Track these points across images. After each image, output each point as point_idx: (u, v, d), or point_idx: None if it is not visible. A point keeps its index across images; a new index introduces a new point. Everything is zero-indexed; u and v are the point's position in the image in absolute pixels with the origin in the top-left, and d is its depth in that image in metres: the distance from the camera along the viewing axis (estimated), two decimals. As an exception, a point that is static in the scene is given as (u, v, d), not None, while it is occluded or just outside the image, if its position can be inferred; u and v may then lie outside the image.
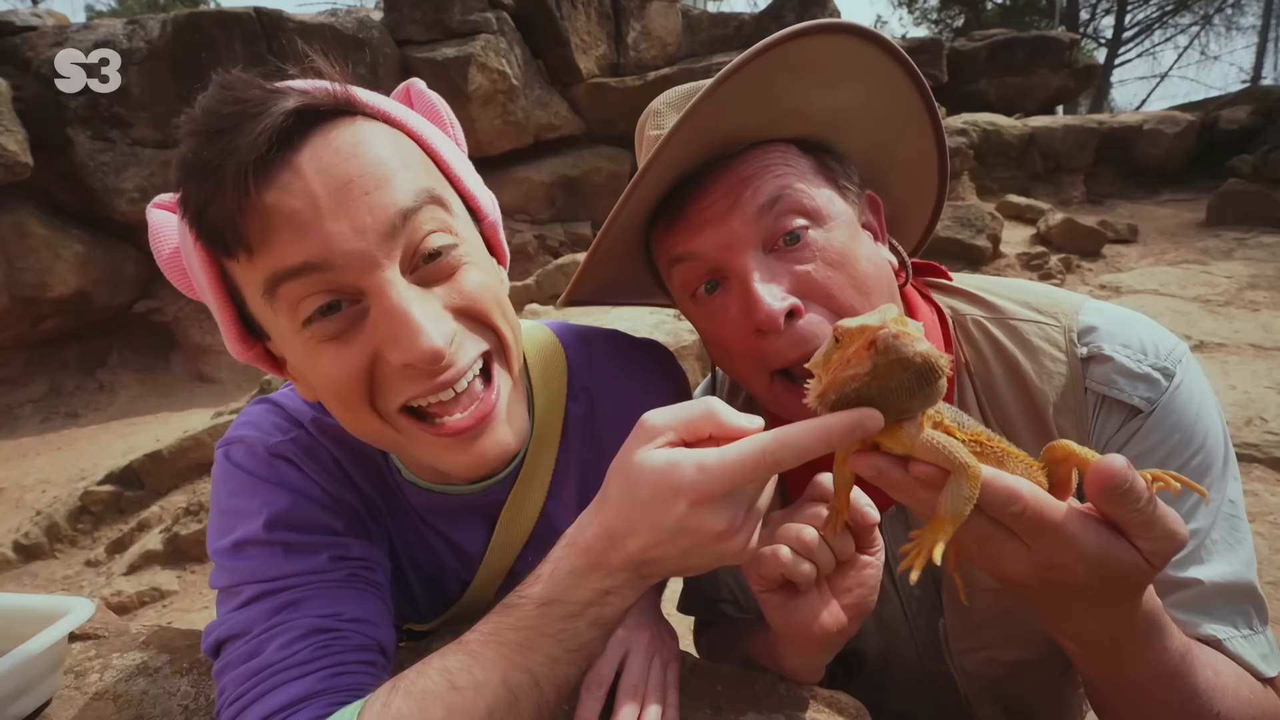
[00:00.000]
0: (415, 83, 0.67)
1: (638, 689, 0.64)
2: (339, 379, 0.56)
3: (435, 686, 0.51)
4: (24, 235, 4.93)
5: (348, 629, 0.60)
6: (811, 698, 0.69)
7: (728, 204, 0.68)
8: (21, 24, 5.07)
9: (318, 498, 0.66)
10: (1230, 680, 0.60)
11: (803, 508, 0.60)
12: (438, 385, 0.57)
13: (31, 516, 3.39)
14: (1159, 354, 0.69)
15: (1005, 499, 0.45)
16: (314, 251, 0.52)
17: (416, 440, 0.60)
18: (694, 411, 0.49)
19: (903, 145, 0.78)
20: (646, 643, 0.68)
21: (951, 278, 0.84)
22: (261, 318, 0.58)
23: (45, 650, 0.75)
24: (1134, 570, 0.48)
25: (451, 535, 0.77)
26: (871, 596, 0.61)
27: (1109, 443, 0.70)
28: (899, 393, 0.42)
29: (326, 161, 0.53)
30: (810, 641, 0.61)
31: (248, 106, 0.50)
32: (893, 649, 0.87)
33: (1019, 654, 0.78)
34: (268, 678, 0.56)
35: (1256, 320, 4.35)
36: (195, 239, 0.55)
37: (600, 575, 0.51)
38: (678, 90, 0.77)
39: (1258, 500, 2.67)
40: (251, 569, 0.62)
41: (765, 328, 0.65)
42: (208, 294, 0.59)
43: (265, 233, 0.52)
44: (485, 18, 5.97)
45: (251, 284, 0.55)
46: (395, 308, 0.53)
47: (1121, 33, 21.08)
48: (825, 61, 0.67)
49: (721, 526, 0.47)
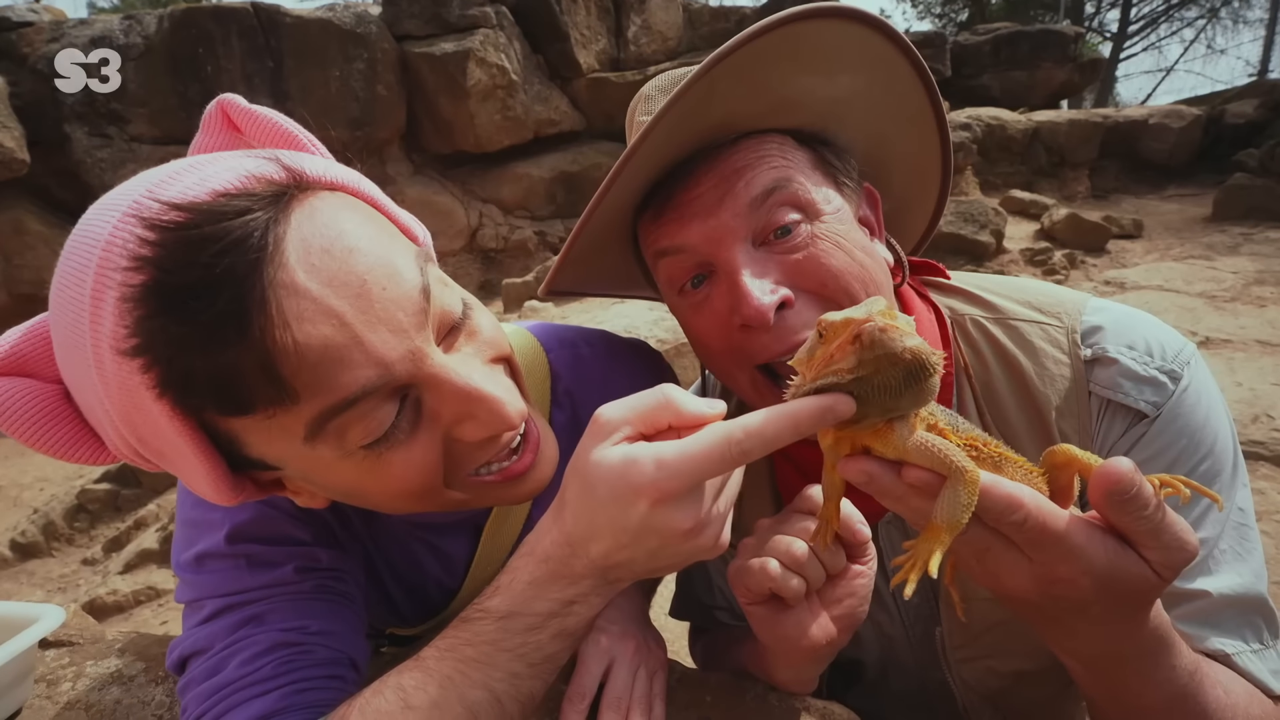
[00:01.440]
0: (228, 100, 0.55)
1: (622, 701, 0.62)
2: (418, 476, 0.51)
3: (390, 706, 0.49)
4: (21, 232, 4.94)
5: (313, 642, 0.58)
6: (804, 709, 0.67)
7: (718, 195, 0.65)
8: (18, 19, 5.06)
9: (283, 507, 0.63)
10: (1241, 699, 0.57)
11: (791, 518, 0.58)
12: (507, 444, 0.56)
13: (29, 515, 3.39)
14: (1166, 356, 0.66)
15: (1005, 507, 0.42)
16: (368, 376, 0.46)
17: (484, 492, 0.57)
18: (649, 401, 0.45)
19: (904, 139, 0.76)
20: (632, 652, 0.66)
21: (950, 276, 0.81)
22: (277, 457, 0.50)
23: (12, 659, 0.73)
24: (1142, 583, 0.45)
25: (437, 544, 0.75)
26: (862, 608, 0.59)
27: (1113, 448, 0.67)
28: (887, 391, 0.39)
29: (325, 269, 0.45)
30: (799, 654, 0.59)
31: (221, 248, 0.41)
32: (891, 658, 0.84)
33: (1019, 664, 0.76)
34: (229, 695, 0.55)
35: (1263, 316, 4.31)
36: (174, 407, 0.44)
37: (562, 584, 0.48)
38: (670, 75, 0.74)
39: (1264, 499, 2.65)
40: (214, 583, 0.60)
41: (754, 323, 0.62)
42: (176, 454, 0.48)
43: (301, 373, 0.44)
44: (484, 12, 5.94)
45: (277, 431, 0.46)
46: (465, 389, 0.50)
47: (1127, 26, 21.00)
48: (825, 48, 0.64)
49: (688, 524, 0.43)
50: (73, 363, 0.46)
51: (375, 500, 0.55)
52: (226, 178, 0.44)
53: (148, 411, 0.44)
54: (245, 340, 0.42)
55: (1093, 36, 20.35)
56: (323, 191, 0.49)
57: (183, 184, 0.44)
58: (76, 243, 0.44)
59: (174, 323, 0.41)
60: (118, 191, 0.46)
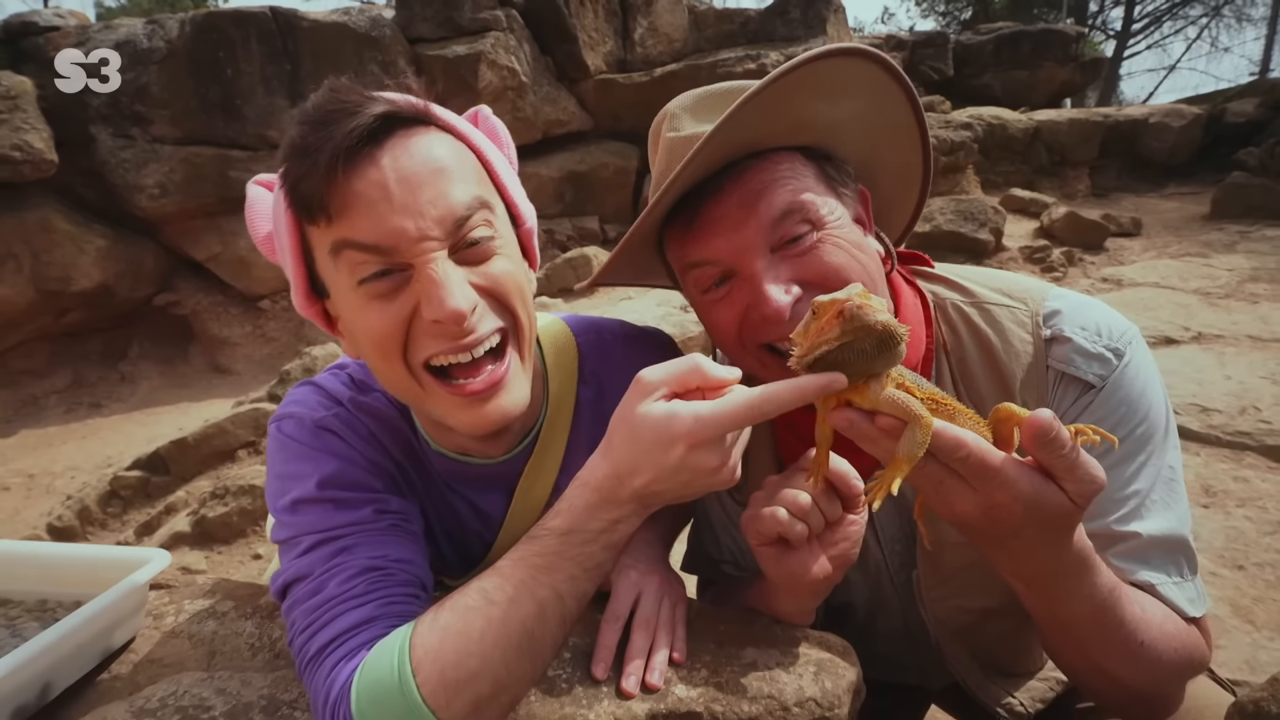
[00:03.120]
0: (483, 109, 0.78)
1: (650, 622, 0.74)
2: (381, 330, 0.67)
3: (475, 602, 0.61)
4: (49, 230, 5.05)
5: (394, 568, 0.69)
6: (804, 637, 0.77)
7: (743, 214, 0.74)
8: (45, 24, 5.18)
9: (359, 462, 0.76)
10: (1156, 616, 0.69)
11: (795, 475, 0.69)
12: (458, 346, 0.68)
13: (63, 501, 3.52)
14: (1112, 335, 0.77)
15: (952, 445, 0.54)
16: (382, 238, 0.63)
17: (435, 396, 0.70)
18: (683, 367, 0.59)
19: (893, 151, 0.85)
20: (657, 585, 0.77)
21: (935, 266, 0.92)
22: (326, 276, 0.69)
23: (132, 592, 0.86)
24: (1062, 509, 0.55)
25: (474, 500, 0.87)
26: (854, 550, 0.70)
27: (1065, 414, 0.77)
28: (864, 355, 0.51)
29: (402, 162, 0.64)
30: (801, 588, 0.71)
31: (348, 106, 0.62)
32: (877, 600, 0.95)
33: (984, 602, 0.87)
34: (331, 608, 0.65)
35: (1255, 312, 4.39)
36: (287, 206, 0.66)
37: (610, 508, 0.61)
38: (692, 95, 0.84)
39: (1248, 486, 2.74)
40: (308, 523, 0.71)
41: (773, 320, 0.73)
42: (287, 254, 0.70)
43: (344, 208, 0.63)
44: (495, 15, 6.03)
45: (322, 245, 0.66)
46: (433, 275, 0.65)
47: (1130, 24, 20.88)
48: (834, 80, 0.74)
49: (715, 463, 0.58)
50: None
51: (366, 350, 0.70)
52: (387, 93, 0.67)
53: (281, 216, 0.68)
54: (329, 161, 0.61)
55: (1096, 35, 20.25)
56: (447, 134, 0.70)
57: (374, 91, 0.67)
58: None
59: (298, 134, 0.63)
60: None
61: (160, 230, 5.67)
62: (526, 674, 0.61)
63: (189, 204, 5.45)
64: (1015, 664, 0.98)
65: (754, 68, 6.55)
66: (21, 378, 5.36)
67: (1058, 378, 0.78)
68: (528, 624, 0.60)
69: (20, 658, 0.71)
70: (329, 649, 0.63)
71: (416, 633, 0.60)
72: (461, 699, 0.58)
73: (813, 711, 0.67)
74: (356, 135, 0.61)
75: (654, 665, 0.70)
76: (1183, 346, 3.99)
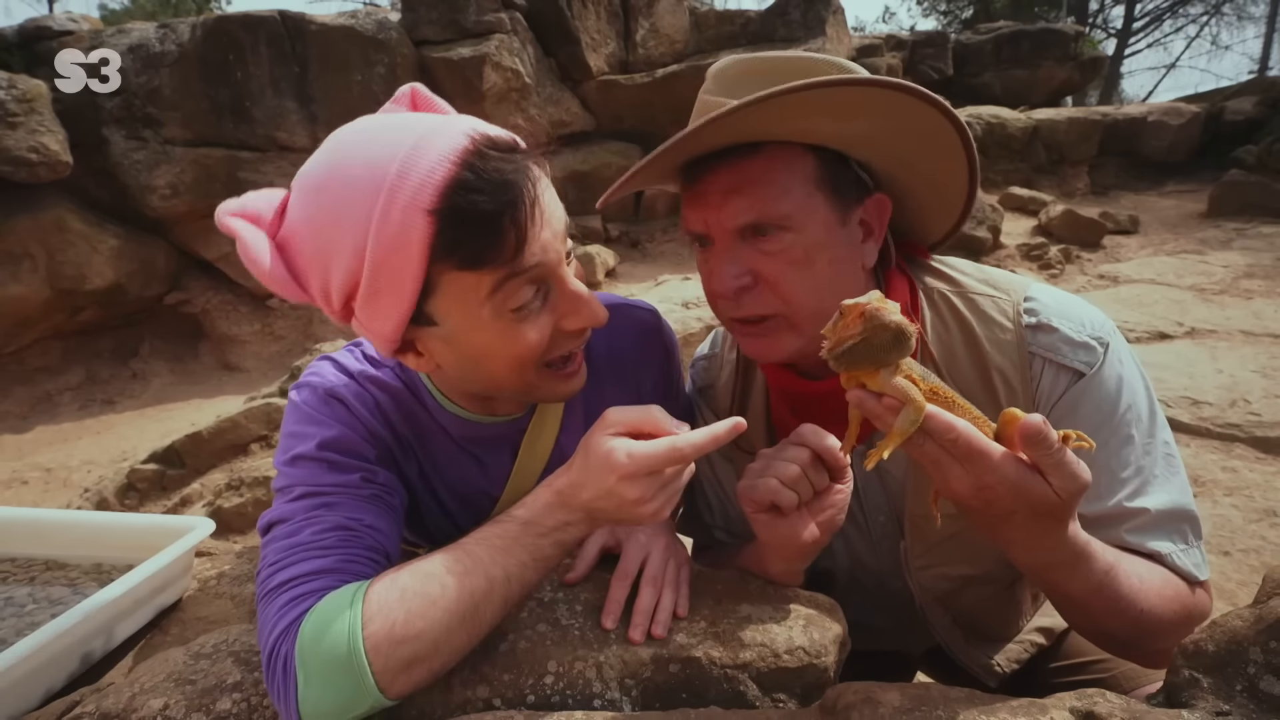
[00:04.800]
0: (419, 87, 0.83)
1: (656, 580, 0.80)
2: (537, 343, 0.75)
3: (434, 569, 0.66)
4: (63, 230, 5.11)
5: (365, 531, 0.74)
6: (794, 596, 0.83)
7: (722, 199, 0.81)
8: (59, 28, 5.26)
9: (359, 431, 0.83)
10: (1155, 584, 0.74)
11: (787, 448, 0.75)
12: (582, 342, 0.80)
13: (80, 494, 3.60)
14: (1094, 327, 0.83)
15: (944, 429, 0.60)
16: (539, 256, 0.71)
17: (545, 382, 0.80)
18: (640, 415, 0.69)
19: (927, 163, 0.85)
20: (663, 547, 0.84)
21: (929, 256, 0.97)
22: (443, 309, 0.70)
23: (182, 554, 0.94)
24: (1047, 499, 0.60)
25: (484, 458, 0.95)
26: (840, 516, 0.77)
27: (1059, 401, 0.81)
28: (880, 348, 0.59)
29: (544, 198, 0.71)
30: (791, 550, 0.77)
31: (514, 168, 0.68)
32: (858, 567, 1.02)
33: (965, 570, 0.94)
34: (299, 551, 0.70)
35: (1249, 308, 4.45)
36: (428, 254, 0.65)
37: (564, 511, 0.69)
38: (737, 61, 0.85)
39: (1237, 476, 2.81)
40: (302, 476, 0.77)
41: (715, 295, 0.85)
42: (393, 293, 0.67)
43: (530, 244, 0.69)
44: (499, 18, 6.09)
45: (470, 285, 0.68)
46: (578, 291, 0.75)
47: (1131, 23, 20.85)
48: (843, 103, 0.74)
49: (635, 496, 0.66)
50: (331, 220, 0.65)
51: (493, 364, 0.75)
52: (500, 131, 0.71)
53: (407, 256, 0.65)
54: (517, 222, 0.67)
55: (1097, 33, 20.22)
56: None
57: (490, 130, 0.70)
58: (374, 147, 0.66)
59: (478, 202, 0.64)
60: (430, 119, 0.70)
61: (171, 230, 5.74)
62: (462, 644, 0.67)
63: (199, 204, 5.52)
64: (994, 628, 1.05)
65: (755, 68, 6.60)
66: (36, 374, 5.45)
67: (1044, 365, 0.83)
68: (476, 597, 0.66)
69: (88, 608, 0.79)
70: (286, 586, 0.67)
71: (373, 589, 0.65)
72: (400, 654, 0.62)
73: (801, 658, 0.74)
74: (530, 197, 0.67)
75: (659, 618, 0.76)
76: (1176, 341, 4.05)
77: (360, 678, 0.62)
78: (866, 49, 7.92)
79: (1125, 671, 0.96)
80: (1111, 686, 0.92)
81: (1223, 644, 0.62)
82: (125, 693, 0.70)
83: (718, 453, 1.04)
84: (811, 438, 0.73)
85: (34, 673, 0.75)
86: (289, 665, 0.62)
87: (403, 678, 0.63)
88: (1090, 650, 1.03)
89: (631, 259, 6.71)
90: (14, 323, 5.21)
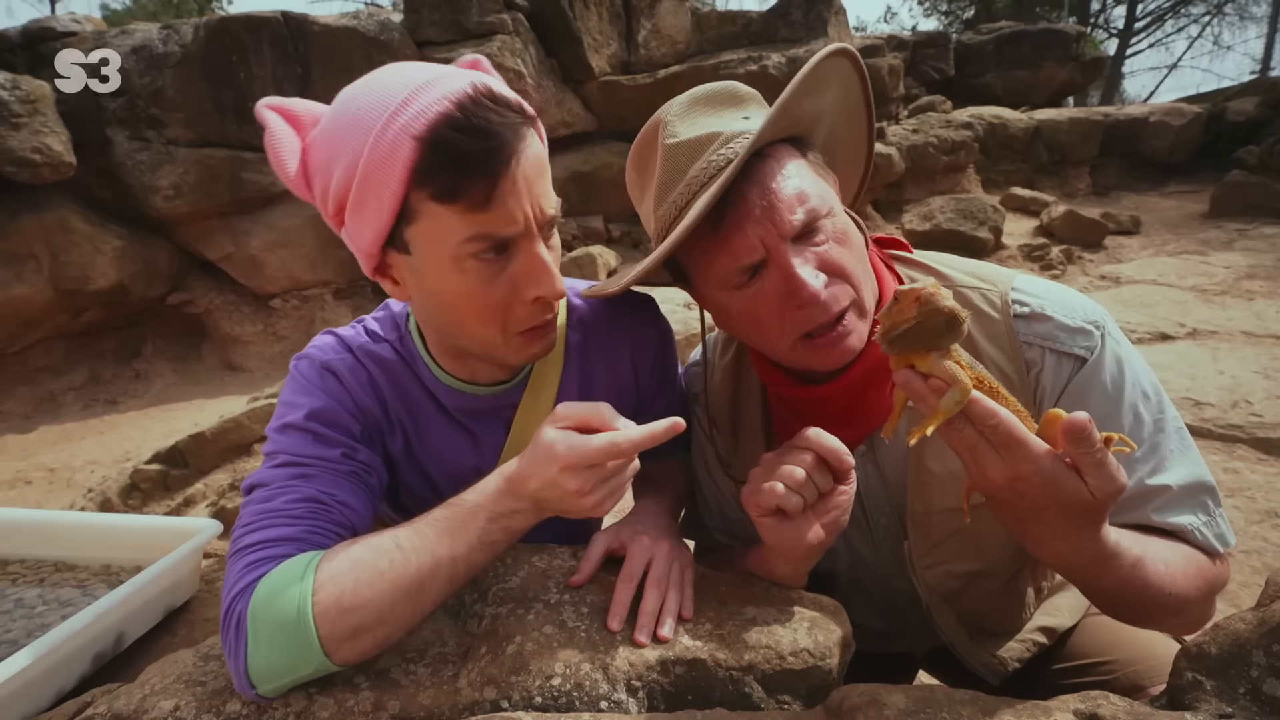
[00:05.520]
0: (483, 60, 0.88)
1: (661, 582, 0.80)
2: (491, 303, 0.77)
3: (385, 545, 0.69)
4: (67, 231, 5.12)
5: (336, 507, 0.76)
6: (798, 598, 0.83)
7: (768, 210, 0.78)
8: (62, 29, 5.27)
9: (347, 406, 0.85)
10: (1179, 565, 0.75)
11: (791, 452, 0.75)
12: (547, 319, 0.82)
13: (84, 494, 3.62)
14: (1087, 312, 0.84)
15: (986, 414, 0.61)
16: (514, 224, 0.74)
17: (511, 342, 0.83)
18: (589, 410, 0.73)
19: (848, 131, 0.92)
20: (667, 550, 0.84)
21: (913, 251, 0.98)
22: (419, 240, 0.74)
23: (190, 555, 0.95)
24: (1080, 496, 0.60)
25: (476, 431, 0.96)
26: (844, 517, 0.77)
27: (1066, 390, 0.82)
28: (933, 332, 0.61)
29: (528, 168, 0.73)
30: (797, 553, 0.78)
31: (503, 121, 0.71)
32: (860, 569, 1.02)
33: (970, 566, 0.94)
34: (270, 516, 0.73)
35: (1250, 309, 4.45)
36: (409, 181, 0.69)
37: (512, 499, 0.72)
38: (680, 101, 0.86)
39: (1238, 477, 2.81)
40: (287, 444, 0.79)
41: (810, 304, 0.77)
42: (374, 208, 0.72)
43: (496, 200, 0.71)
44: (501, 19, 6.09)
45: (442, 224, 0.72)
46: (539, 258, 0.76)
47: (1133, 23, 20.84)
48: (826, 75, 0.81)
49: (575, 487, 0.69)
50: (342, 131, 0.71)
51: (454, 312, 0.78)
52: (502, 86, 0.75)
53: (390, 174, 0.69)
54: (490, 171, 0.69)
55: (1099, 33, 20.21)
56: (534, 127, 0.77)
57: (493, 81, 0.74)
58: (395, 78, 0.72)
59: (458, 140, 0.68)
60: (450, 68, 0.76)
61: (174, 230, 5.74)
62: (406, 617, 0.69)
63: (202, 205, 5.53)
64: (998, 623, 1.05)
65: (756, 69, 6.62)
66: (40, 375, 5.46)
67: (1044, 354, 0.83)
68: (422, 574, 0.68)
69: (99, 609, 0.80)
70: (251, 549, 0.70)
71: (326, 558, 0.68)
72: (346, 622, 0.65)
73: (806, 660, 0.74)
74: (509, 152, 0.70)
75: (664, 620, 0.76)
76: (1178, 342, 4.05)
77: (307, 641, 0.64)
78: (868, 49, 7.91)
79: (1128, 673, 0.97)
80: (1115, 688, 0.93)
81: (1226, 647, 0.62)
82: (136, 694, 0.71)
83: (715, 459, 1.05)
84: (815, 440, 0.73)
85: (46, 674, 0.76)
86: (242, 624, 0.65)
87: (348, 645, 0.66)
88: (1093, 651, 1.03)
89: (634, 259, 6.71)
90: (18, 323, 5.22)
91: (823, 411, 0.88)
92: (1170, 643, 0.93)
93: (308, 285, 6.07)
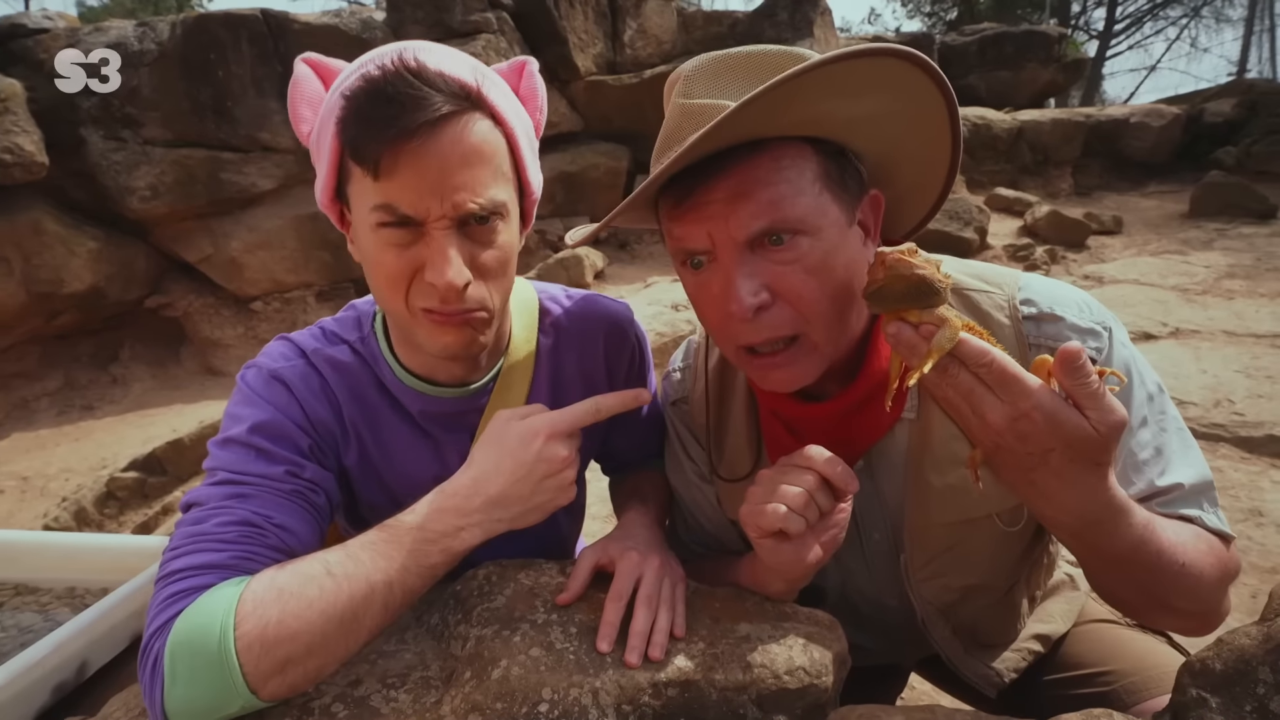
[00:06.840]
0: (530, 63, 0.86)
1: (652, 600, 0.77)
2: (394, 271, 0.75)
3: (314, 571, 0.65)
4: (40, 233, 5.01)
5: (272, 530, 0.72)
6: (793, 614, 0.81)
7: (728, 209, 0.73)
8: (34, 26, 5.15)
9: (296, 419, 0.81)
10: (1189, 538, 0.73)
11: (790, 471, 0.73)
12: (445, 308, 0.77)
13: (58, 503, 3.53)
14: (1095, 312, 0.83)
15: (979, 353, 0.60)
16: (412, 210, 0.72)
17: (420, 322, 0.79)
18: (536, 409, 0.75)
19: (916, 143, 0.80)
20: (657, 566, 0.82)
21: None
22: (353, 198, 0.76)
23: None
24: (1084, 433, 0.58)
25: (440, 438, 0.92)
26: (841, 534, 0.76)
27: None
28: (907, 294, 0.61)
29: (445, 150, 0.70)
30: (795, 572, 0.76)
31: (416, 94, 0.69)
32: (850, 585, 1.01)
33: (966, 579, 0.93)
34: (199, 541, 0.68)
35: (1230, 308, 4.52)
36: (337, 139, 0.72)
37: (458, 515, 0.70)
38: (710, 59, 0.78)
39: (1222, 476, 2.84)
40: (228, 460, 0.75)
41: (737, 318, 0.74)
42: (323, 164, 0.76)
43: (393, 171, 0.70)
44: (486, 18, 6.06)
45: (362, 188, 0.73)
46: (441, 246, 0.73)
47: (1113, 25, 21.18)
48: (858, 78, 0.69)
49: (565, 453, 0.70)
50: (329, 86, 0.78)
51: (371, 269, 0.77)
52: (456, 67, 0.73)
53: (327, 126, 0.73)
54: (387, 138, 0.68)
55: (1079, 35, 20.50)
56: (488, 119, 0.75)
57: (433, 56, 0.73)
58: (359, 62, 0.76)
59: (364, 101, 0.69)
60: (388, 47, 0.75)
61: (151, 232, 5.64)
62: (339, 650, 0.65)
63: (180, 206, 5.43)
64: (993, 635, 1.04)
65: (742, 69, 6.61)
66: (13, 380, 5.34)
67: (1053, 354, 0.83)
68: (355, 601, 0.65)
69: (61, 637, 0.76)
70: (175, 577, 0.66)
71: (249, 588, 0.63)
72: (272, 657, 0.61)
73: (802, 679, 0.72)
74: (416, 127, 0.67)
75: (656, 639, 0.74)
76: (1160, 342, 4.10)
77: (230, 678, 0.60)
78: (853, 50, 7.92)
79: (1127, 684, 0.95)
80: (1113, 698, 0.92)
81: (1231, 663, 0.61)
82: (98, 728, 0.67)
83: (695, 474, 1.02)
84: (819, 461, 0.71)
85: (2, 708, 0.72)
86: (158, 663, 0.61)
87: (276, 680, 0.62)
88: (1091, 661, 1.02)
89: (620, 260, 6.69)
90: (-11, 327, 5.10)
91: (822, 430, 0.86)
92: (1169, 651, 0.92)
93: (290, 287, 5.99)
